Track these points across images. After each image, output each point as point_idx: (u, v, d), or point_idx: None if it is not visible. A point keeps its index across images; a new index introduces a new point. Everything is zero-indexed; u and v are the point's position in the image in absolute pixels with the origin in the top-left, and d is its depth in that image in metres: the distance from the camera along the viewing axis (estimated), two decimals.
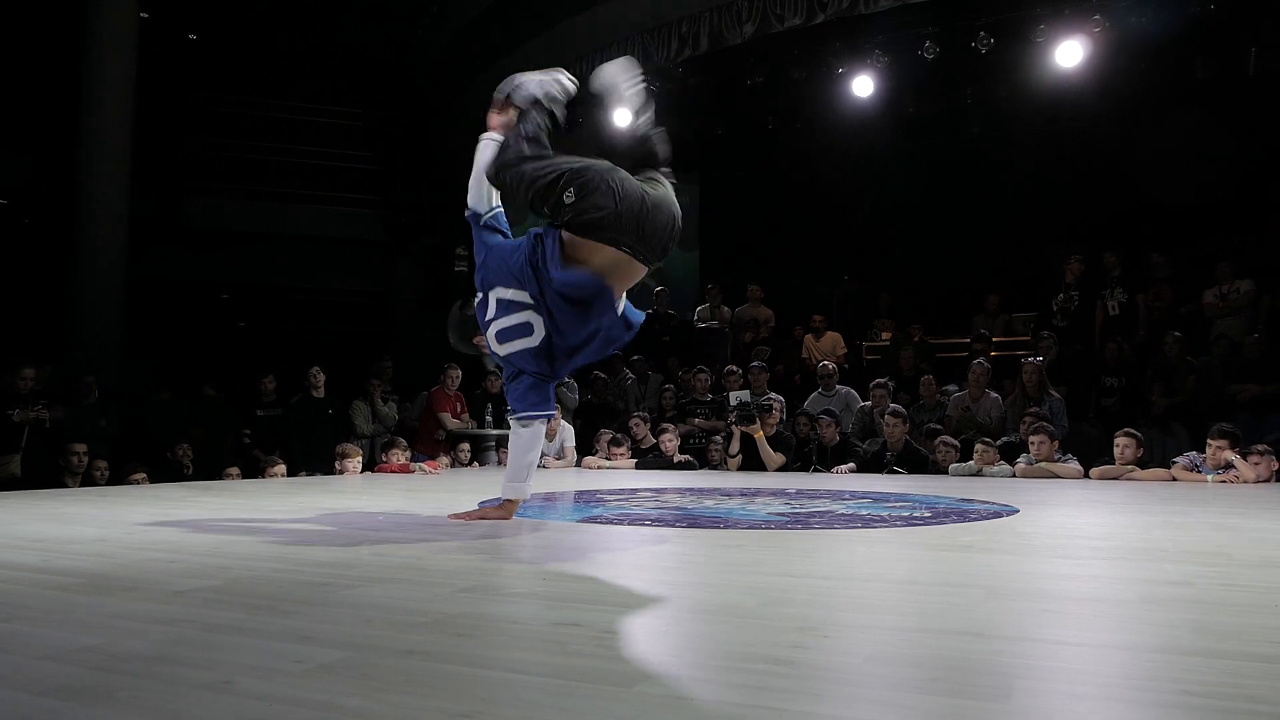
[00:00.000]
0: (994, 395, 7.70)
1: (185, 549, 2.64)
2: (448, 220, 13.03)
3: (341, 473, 6.81)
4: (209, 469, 7.36)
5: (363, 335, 12.75)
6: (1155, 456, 6.88)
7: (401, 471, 6.94)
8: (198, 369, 9.90)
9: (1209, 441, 5.97)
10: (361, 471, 6.96)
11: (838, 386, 8.45)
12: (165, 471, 7.09)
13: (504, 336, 3.18)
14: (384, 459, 7.22)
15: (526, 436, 3.32)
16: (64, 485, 6.17)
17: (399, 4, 12.32)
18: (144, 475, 6.49)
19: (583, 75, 10.33)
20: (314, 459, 7.43)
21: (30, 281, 11.36)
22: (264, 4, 12.67)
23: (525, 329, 3.13)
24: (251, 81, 13.26)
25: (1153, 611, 1.82)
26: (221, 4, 12.57)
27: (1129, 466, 6.18)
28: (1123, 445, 6.24)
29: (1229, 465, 5.82)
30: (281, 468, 6.90)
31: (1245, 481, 5.70)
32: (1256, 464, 5.78)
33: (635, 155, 3.14)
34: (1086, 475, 6.30)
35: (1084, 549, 2.85)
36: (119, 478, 6.51)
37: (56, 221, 10.55)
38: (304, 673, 1.30)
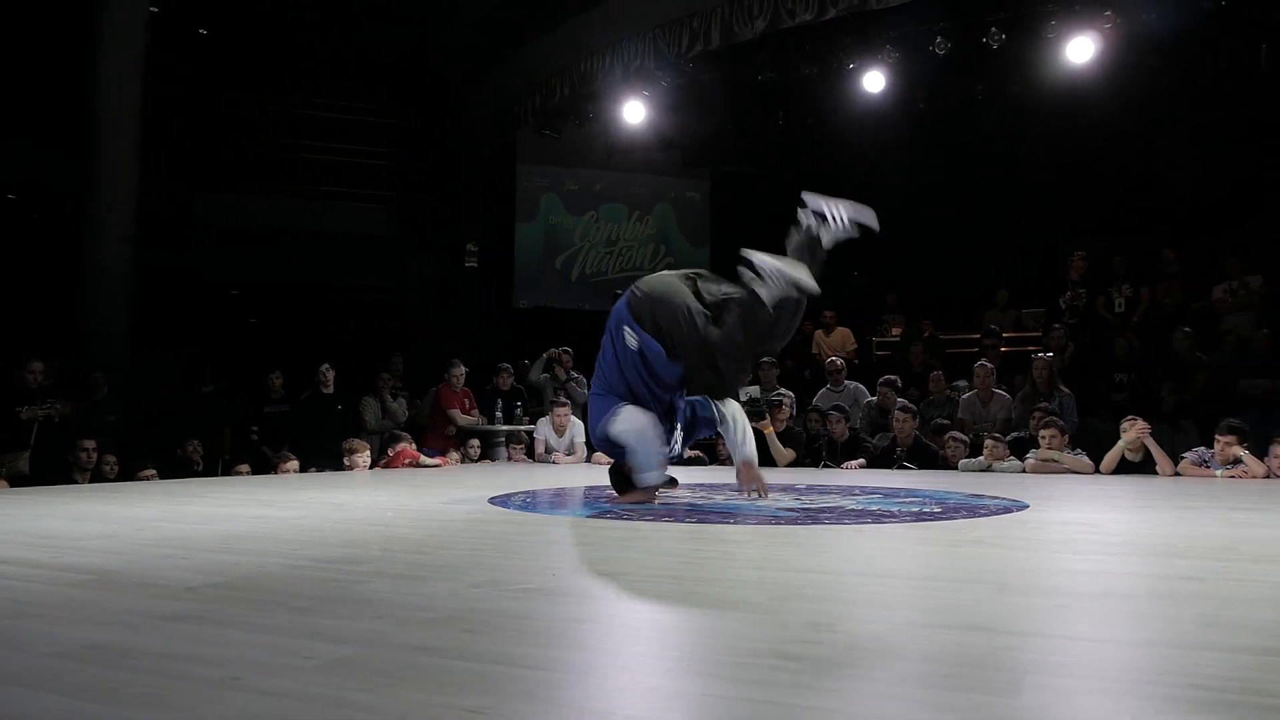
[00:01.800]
0: (1005, 395, 7.67)
1: (195, 545, 2.65)
2: (459, 216, 13.04)
3: (350, 468, 6.83)
4: (211, 466, 7.39)
5: (374, 331, 12.76)
6: (1165, 452, 6.85)
7: (411, 457, 7.05)
8: (208, 366, 9.93)
9: (1217, 437, 5.94)
10: (370, 467, 6.98)
11: (846, 382, 8.43)
12: (175, 467, 7.13)
13: None
14: (391, 453, 7.26)
15: None
16: (73, 482, 6.18)
17: (411, 0, 12.32)
18: (154, 472, 6.51)
19: (593, 71, 10.30)
20: (323, 455, 7.45)
21: (39, 277, 11.39)
22: None
23: None
24: (262, 77, 13.26)
25: (1163, 606, 1.82)
26: None
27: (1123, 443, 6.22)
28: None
29: (1237, 461, 5.79)
30: (294, 464, 6.91)
31: (1254, 477, 5.68)
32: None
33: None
34: (1097, 470, 6.28)
35: (1094, 544, 2.84)
36: (129, 474, 6.53)
37: (66, 217, 10.57)
38: (314, 668, 1.30)
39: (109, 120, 9.85)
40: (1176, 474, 6.07)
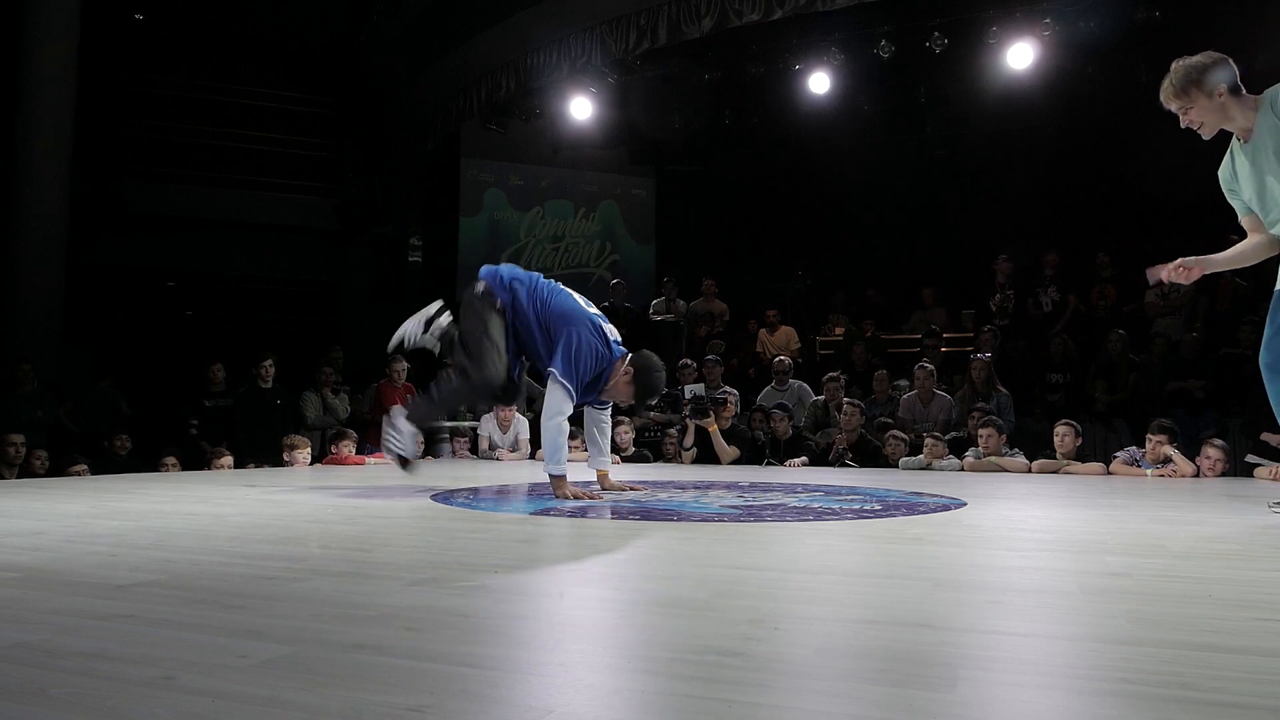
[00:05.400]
0: (945, 396, 7.80)
1: (127, 542, 2.58)
2: (400, 209, 12.88)
3: (290, 464, 6.72)
4: (145, 460, 7.19)
5: (313, 325, 12.56)
6: (1098, 451, 7.04)
7: (355, 464, 6.86)
8: (144, 358, 9.68)
9: (1148, 437, 6.11)
10: (311, 463, 6.86)
11: (790, 381, 8.52)
12: (107, 463, 6.94)
13: None
14: (334, 450, 7.13)
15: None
16: (1, 477, 5.99)
17: None
18: (85, 467, 6.33)
19: (539, 66, 10.21)
20: (261, 450, 7.31)
21: None
22: None
23: None
24: (200, 64, 12.96)
25: (1093, 602, 1.86)
26: None
27: (1067, 461, 6.33)
28: (1062, 434, 6.43)
29: (1167, 460, 5.97)
30: (228, 459, 6.76)
31: (1183, 476, 5.85)
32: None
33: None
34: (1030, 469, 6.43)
35: (1028, 541, 2.90)
36: (59, 469, 6.34)
37: None
38: (249, 667, 1.27)
39: (39, 107, 9.54)
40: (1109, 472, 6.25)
